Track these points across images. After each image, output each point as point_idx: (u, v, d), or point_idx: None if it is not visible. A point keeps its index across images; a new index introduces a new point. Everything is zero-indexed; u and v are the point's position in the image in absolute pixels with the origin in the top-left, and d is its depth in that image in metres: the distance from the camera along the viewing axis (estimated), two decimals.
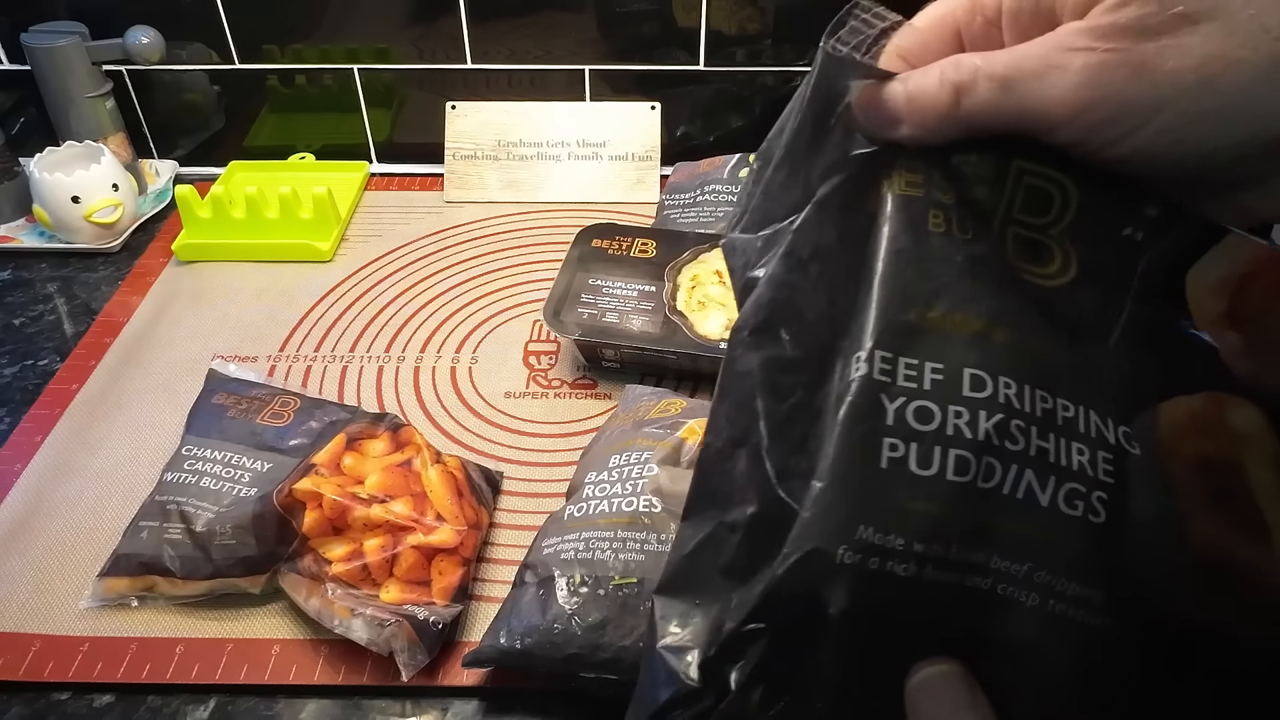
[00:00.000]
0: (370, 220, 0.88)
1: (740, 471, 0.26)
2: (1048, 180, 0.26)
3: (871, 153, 0.26)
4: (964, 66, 0.25)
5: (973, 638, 0.24)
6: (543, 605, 0.47)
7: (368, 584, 0.50)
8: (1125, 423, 0.25)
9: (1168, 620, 0.24)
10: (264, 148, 0.95)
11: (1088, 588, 0.23)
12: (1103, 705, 0.24)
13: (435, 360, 0.72)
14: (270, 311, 0.76)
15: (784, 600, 0.24)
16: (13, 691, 0.50)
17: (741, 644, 0.25)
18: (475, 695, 0.50)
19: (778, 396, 0.25)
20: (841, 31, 0.27)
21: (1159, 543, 0.24)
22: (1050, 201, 0.26)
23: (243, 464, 0.55)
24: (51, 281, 0.81)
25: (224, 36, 0.88)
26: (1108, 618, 0.23)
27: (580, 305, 0.69)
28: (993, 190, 0.26)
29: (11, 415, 0.67)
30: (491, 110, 0.91)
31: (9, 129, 0.91)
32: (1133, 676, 0.24)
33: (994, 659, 0.24)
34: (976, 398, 0.24)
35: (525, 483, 0.61)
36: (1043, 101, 0.24)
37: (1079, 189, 0.26)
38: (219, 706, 0.49)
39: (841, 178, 0.26)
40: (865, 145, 0.26)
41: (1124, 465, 0.24)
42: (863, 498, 0.23)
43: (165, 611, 0.53)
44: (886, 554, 0.23)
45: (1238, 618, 0.24)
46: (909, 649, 0.24)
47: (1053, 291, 0.26)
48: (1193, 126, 0.23)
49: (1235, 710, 0.24)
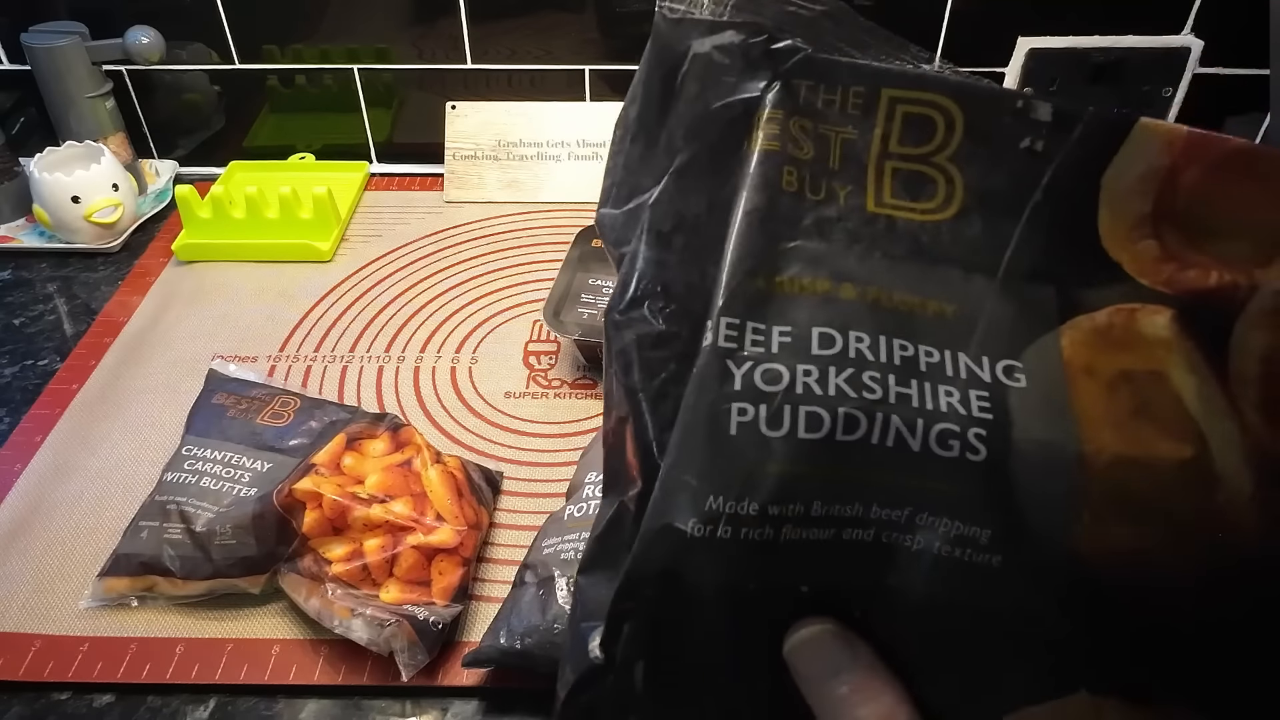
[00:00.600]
0: (370, 220, 0.88)
1: (630, 450, 0.26)
2: (925, 105, 0.25)
3: (734, 109, 0.25)
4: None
5: (860, 593, 0.24)
6: (543, 605, 0.47)
7: (368, 584, 0.50)
8: (1011, 357, 0.24)
9: (1067, 559, 0.23)
10: (264, 148, 0.95)
11: (973, 525, 0.23)
12: (996, 648, 0.24)
13: (435, 360, 0.72)
14: (270, 311, 0.76)
15: (644, 579, 0.24)
16: (13, 691, 0.50)
17: (618, 623, 0.25)
18: (475, 695, 0.50)
19: (650, 373, 0.25)
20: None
21: (1053, 473, 0.23)
22: (932, 127, 0.25)
23: (243, 464, 0.55)
24: (51, 281, 0.81)
25: (224, 36, 0.88)
26: (996, 554, 0.23)
27: (580, 305, 0.69)
28: (863, 127, 0.25)
29: (11, 415, 0.67)
30: (491, 110, 0.91)
31: (9, 129, 0.91)
32: (1026, 616, 0.23)
33: (883, 611, 0.24)
34: (825, 354, 0.23)
35: (525, 483, 0.61)
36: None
37: (962, 107, 0.25)
38: (219, 706, 0.49)
39: (701, 142, 0.25)
40: (728, 99, 0.25)
41: (1004, 400, 0.23)
42: (711, 466, 0.23)
43: (165, 611, 0.53)
44: (739, 521, 0.23)
45: (1154, 550, 0.23)
46: (783, 613, 0.24)
47: (933, 229, 0.25)
48: None
49: (1146, 650, 0.24)
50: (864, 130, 0.25)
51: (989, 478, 0.23)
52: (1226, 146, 0.24)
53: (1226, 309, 0.24)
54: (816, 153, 0.25)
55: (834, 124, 0.25)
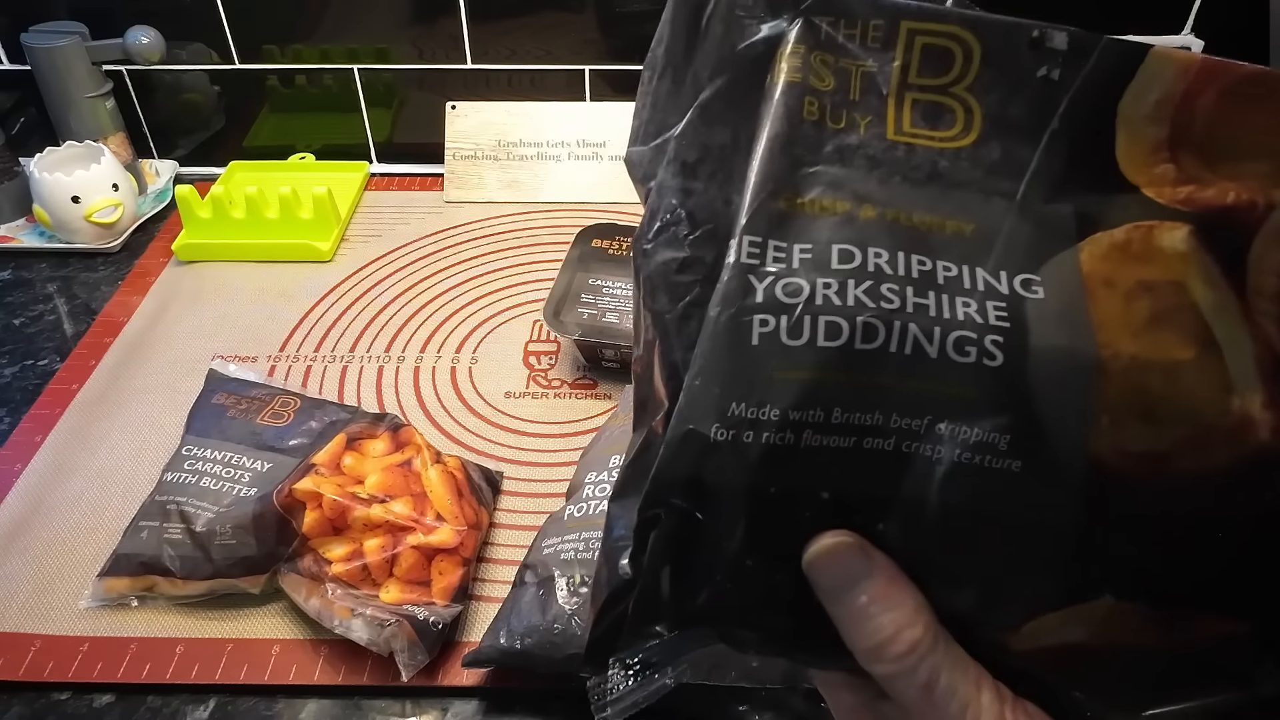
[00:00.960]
0: (370, 220, 0.88)
1: (657, 374, 0.26)
2: (944, 36, 0.26)
3: (757, 48, 0.26)
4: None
5: (881, 503, 0.24)
6: (543, 605, 0.47)
7: (368, 584, 0.50)
8: (1029, 271, 0.25)
9: (1087, 462, 0.24)
10: (264, 148, 0.95)
11: (992, 431, 0.23)
12: (1016, 555, 0.24)
13: (435, 360, 0.72)
14: (270, 311, 0.77)
15: (669, 484, 0.24)
16: (13, 691, 0.50)
17: (645, 531, 0.25)
18: (475, 695, 0.50)
19: (675, 296, 0.26)
20: None
21: (1071, 377, 0.24)
22: (950, 58, 0.26)
23: (243, 464, 0.55)
24: (51, 281, 0.81)
25: (224, 36, 0.88)
26: (1016, 459, 0.23)
27: (580, 305, 0.69)
28: (882, 59, 0.26)
29: (11, 415, 0.67)
30: (491, 110, 0.91)
31: (9, 129, 0.91)
32: (1046, 521, 0.24)
33: (904, 522, 0.24)
34: (845, 269, 0.24)
35: (525, 483, 0.61)
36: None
37: (979, 38, 0.26)
38: (219, 706, 0.49)
39: (726, 78, 0.26)
40: (752, 38, 0.26)
41: (1021, 311, 0.24)
42: (733, 375, 0.24)
43: (165, 611, 0.53)
44: (761, 426, 0.23)
45: (1172, 453, 0.24)
46: (805, 520, 0.24)
47: (952, 155, 0.26)
48: None
49: (1169, 554, 0.24)
50: (883, 62, 0.26)
51: (1007, 382, 0.24)
52: (1240, 71, 0.25)
53: (1244, 226, 0.24)
54: (837, 84, 0.26)
55: (854, 57, 0.26)
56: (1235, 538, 0.24)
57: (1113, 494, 0.24)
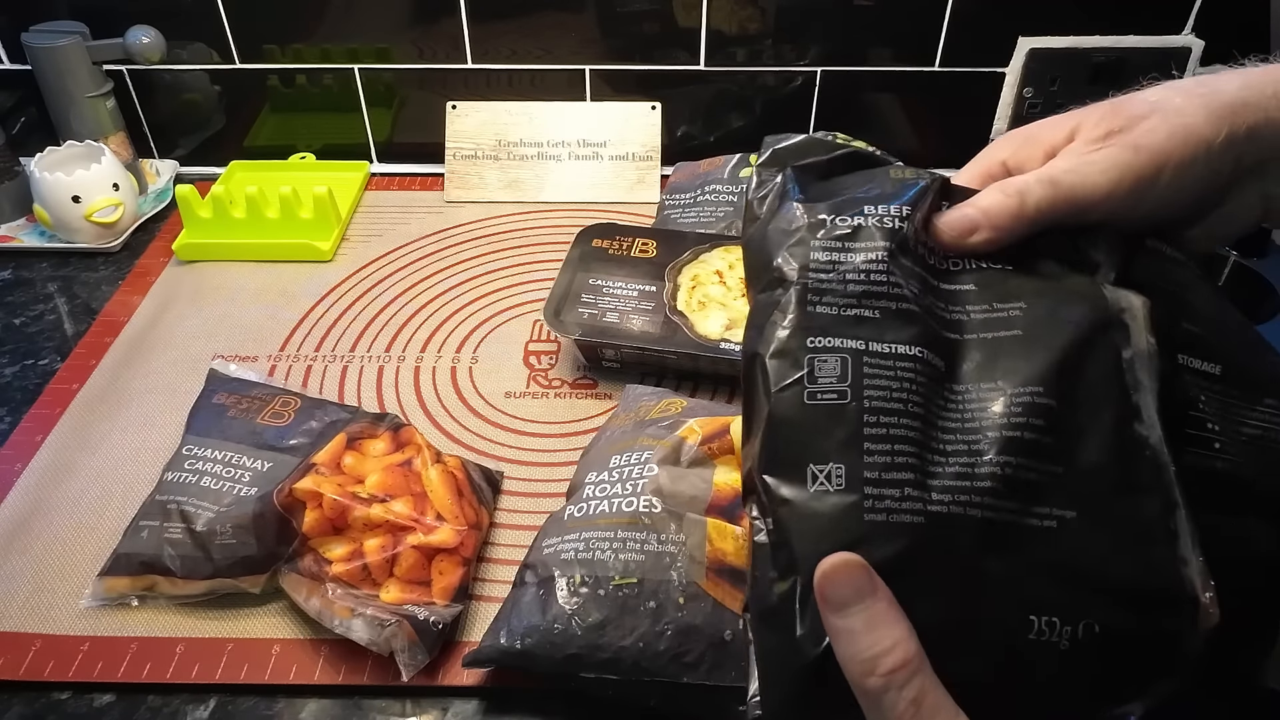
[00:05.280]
0: (370, 220, 0.88)
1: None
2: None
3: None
4: (1015, 181, 0.34)
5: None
6: (543, 605, 0.47)
7: (368, 584, 0.50)
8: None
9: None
10: (264, 147, 0.95)
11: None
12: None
13: (435, 360, 0.72)
14: (270, 311, 0.77)
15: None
16: (13, 691, 0.50)
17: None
18: (475, 695, 0.50)
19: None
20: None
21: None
22: None
23: (243, 463, 0.55)
24: (52, 281, 0.81)
25: (224, 36, 0.88)
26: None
27: (581, 305, 0.69)
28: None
29: (12, 415, 0.67)
30: (492, 110, 0.91)
31: (9, 128, 0.91)
32: None
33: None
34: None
35: (525, 483, 0.61)
36: (1085, 188, 0.33)
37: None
38: (219, 706, 0.49)
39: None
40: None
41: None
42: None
43: (165, 611, 0.53)
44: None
45: None
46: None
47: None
48: (1185, 174, 0.34)
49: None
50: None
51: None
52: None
53: None
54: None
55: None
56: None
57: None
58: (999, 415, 0.29)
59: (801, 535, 0.28)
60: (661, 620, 0.45)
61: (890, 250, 0.31)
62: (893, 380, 0.29)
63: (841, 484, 0.28)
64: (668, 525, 0.48)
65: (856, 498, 0.27)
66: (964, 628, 0.27)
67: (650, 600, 0.45)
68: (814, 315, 0.30)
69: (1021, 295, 0.32)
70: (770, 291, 0.32)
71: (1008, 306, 0.32)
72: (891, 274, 0.31)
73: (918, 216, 0.33)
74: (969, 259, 0.33)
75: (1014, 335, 0.31)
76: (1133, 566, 0.28)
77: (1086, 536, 0.28)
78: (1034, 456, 0.28)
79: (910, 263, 0.32)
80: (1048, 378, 0.30)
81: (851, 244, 0.31)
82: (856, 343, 0.30)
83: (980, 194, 0.34)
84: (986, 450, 0.29)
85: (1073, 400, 0.29)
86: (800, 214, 0.33)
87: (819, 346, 0.30)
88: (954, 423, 0.29)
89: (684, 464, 0.51)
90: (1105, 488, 0.28)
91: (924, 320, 0.31)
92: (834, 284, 0.31)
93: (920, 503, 0.27)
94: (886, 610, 0.26)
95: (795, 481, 0.28)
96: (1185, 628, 0.27)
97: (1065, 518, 0.28)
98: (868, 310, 0.30)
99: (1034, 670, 0.27)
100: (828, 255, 0.31)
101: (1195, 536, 0.28)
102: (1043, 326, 0.31)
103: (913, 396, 0.29)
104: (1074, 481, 0.28)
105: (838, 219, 0.32)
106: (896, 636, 0.26)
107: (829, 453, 0.28)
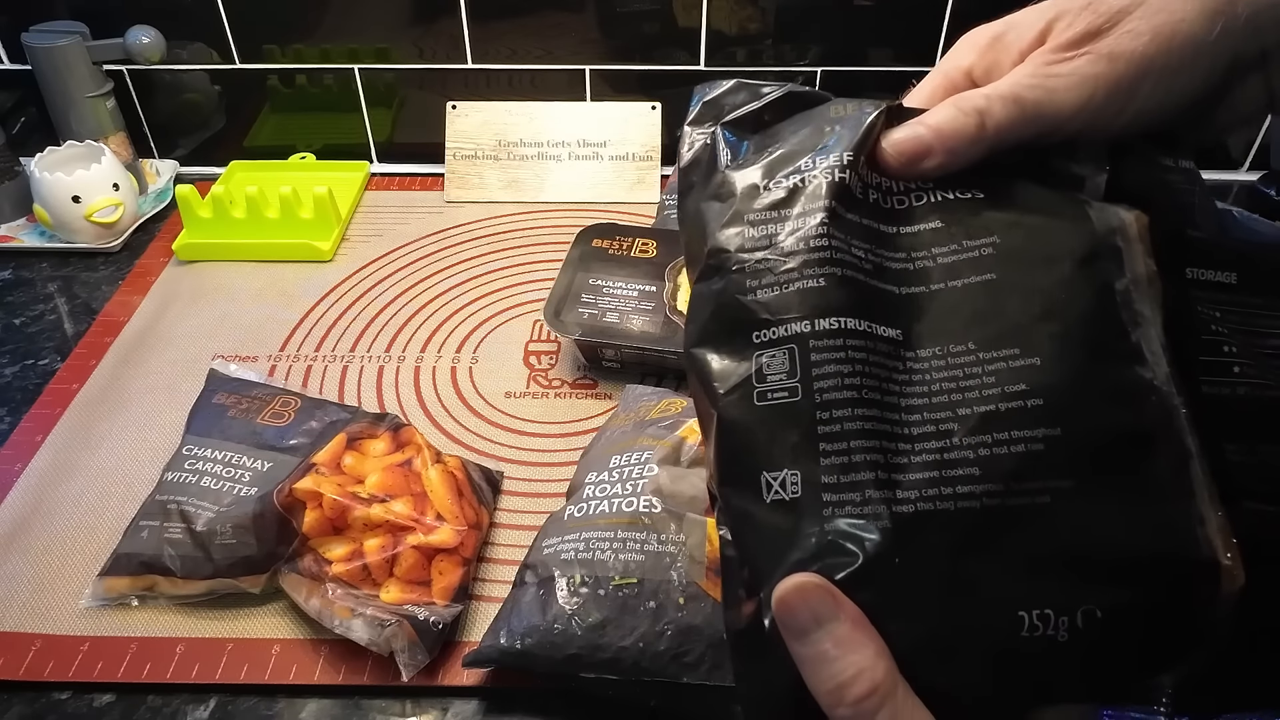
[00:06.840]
0: (370, 220, 0.88)
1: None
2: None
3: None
4: (973, 97, 0.29)
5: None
6: (543, 605, 0.47)
7: (368, 584, 0.50)
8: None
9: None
10: (264, 147, 0.95)
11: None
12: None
13: (435, 360, 0.72)
14: (270, 311, 0.77)
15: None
16: (13, 691, 0.50)
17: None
18: (475, 695, 0.50)
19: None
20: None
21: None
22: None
23: (243, 463, 0.55)
24: (52, 281, 0.81)
25: (225, 36, 0.88)
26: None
27: (581, 305, 0.69)
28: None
29: (12, 415, 0.67)
30: (492, 110, 0.91)
31: (9, 129, 0.91)
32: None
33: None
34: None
35: (525, 483, 0.61)
36: (1052, 105, 0.29)
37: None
38: (219, 706, 0.49)
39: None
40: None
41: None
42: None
43: (165, 611, 0.53)
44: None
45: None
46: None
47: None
48: (1172, 80, 0.29)
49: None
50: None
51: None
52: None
53: None
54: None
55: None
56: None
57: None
58: (971, 386, 0.26)
59: (760, 552, 0.26)
60: (662, 620, 0.45)
61: (830, 210, 0.28)
62: (843, 364, 0.26)
63: (797, 492, 0.25)
64: (668, 525, 0.48)
65: (814, 507, 0.25)
66: (944, 638, 0.24)
67: (650, 600, 0.45)
68: (755, 304, 0.27)
69: (992, 228, 0.28)
70: (707, 281, 0.29)
71: (977, 244, 0.28)
72: (834, 237, 0.27)
73: (862, 159, 0.29)
74: (928, 190, 0.29)
75: (985, 281, 0.27)
76: (1141, 533, 0.24)
77: (1084, 509, 0.25)
78: (1015, 428, 0.25)
79: (858, 216, 0.28)
80: (1027, 333, 0.26)
81: (787, 210, 0.28)
82: (802, 325, 0.26)
83: (932, 110, 0.29)
84: (958, 431, 0.25)
85: (1058, 355, 0.26)
86: (732, 181, 0.30)
87: (764, 340, 0.27)
88: (919, 400, 0.26)
89: (684, 464, 0.51)
90: (1104, 449, 0.25)
91: (872, 287, 0.27)
92: (773, 263, 0.28)
93: (885, 505, 0.25)
94: (851, 633, 0.24)
95: (750, 493, 0.26)
96: (1207, 594, 0.24)
97: (1060, 488, 0.25)
98: (811, 282, 0.27)
99: (1033, 669, 0.25)
100: (764, 230, 0.28)
101: (1213, 489, 0.25)
102: (1018, 267, 0.27)
103: (867, 381, 0.26)
104: (1065, 448, 0.25)
105: (771, 183, 0.29)
106: (862, 663, 0.24)
107: (781, 459, 0.26)
